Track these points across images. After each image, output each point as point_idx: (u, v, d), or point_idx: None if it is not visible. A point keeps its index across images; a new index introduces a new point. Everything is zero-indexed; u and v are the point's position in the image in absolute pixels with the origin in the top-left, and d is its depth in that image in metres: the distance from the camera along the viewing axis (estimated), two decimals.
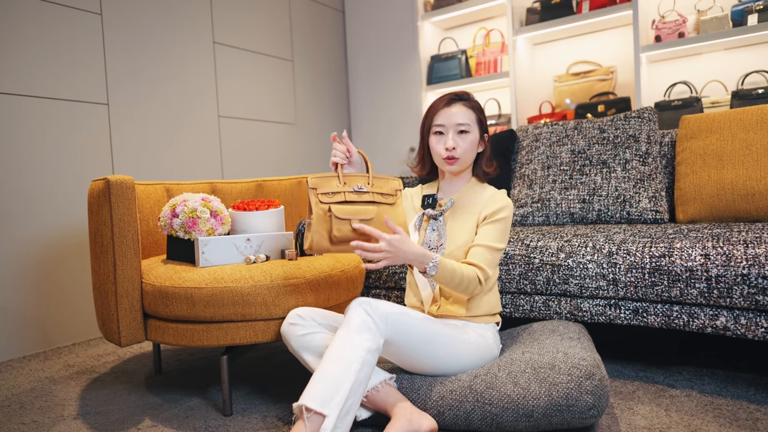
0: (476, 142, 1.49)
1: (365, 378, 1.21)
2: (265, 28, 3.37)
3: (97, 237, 1.59)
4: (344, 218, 1.30)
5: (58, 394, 1.79)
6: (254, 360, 2.04)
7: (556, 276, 1.69)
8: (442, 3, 3.50)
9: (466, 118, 1.46)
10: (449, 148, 1.45)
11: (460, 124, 1.45)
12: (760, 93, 2.48)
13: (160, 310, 1.55)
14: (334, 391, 1.16)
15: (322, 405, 1.15)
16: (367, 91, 3.84)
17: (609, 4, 2.95)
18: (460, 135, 1.46)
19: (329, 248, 1.32)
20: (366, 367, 1.20)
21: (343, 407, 1.16)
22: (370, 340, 1.22)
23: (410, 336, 1.30)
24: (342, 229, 1.30)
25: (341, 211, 1.31)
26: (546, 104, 3.35)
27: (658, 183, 2.00)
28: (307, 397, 1.17)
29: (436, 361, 1.36)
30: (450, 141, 1.45)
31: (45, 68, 2.34)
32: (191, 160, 2.91)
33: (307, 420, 1.15)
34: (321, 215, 1.32)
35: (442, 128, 1.47)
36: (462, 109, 1.47)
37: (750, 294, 1.40)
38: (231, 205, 1.93)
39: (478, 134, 1.49)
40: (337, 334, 1.25)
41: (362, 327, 1.23)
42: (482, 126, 1.51)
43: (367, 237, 1.31)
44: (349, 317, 1.25)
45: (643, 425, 1.33)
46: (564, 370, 1.27)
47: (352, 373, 1.18)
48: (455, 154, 1.45)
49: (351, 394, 1.17)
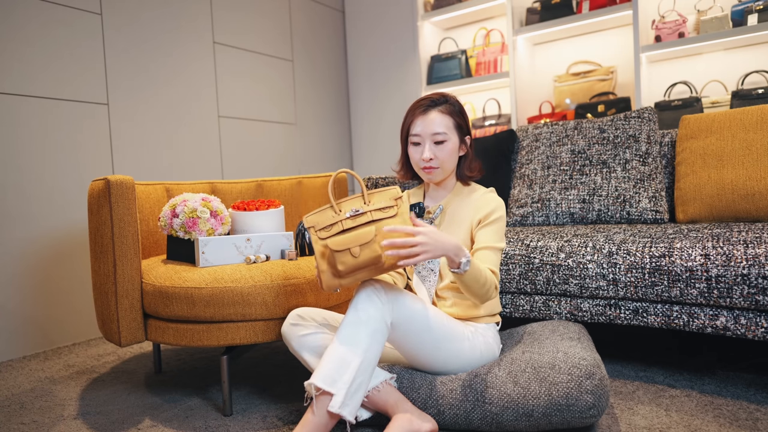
0: (455, 148, 1.45)
1: (374, 357, 1.23)
2: (265, 28, 3.37)
3: (97, 237, 1.59)
4: (342, 250, 1.23)
5: (58, 394, 1.79)
6: (254, 360, 2.04)
7: (556, 276, 1.69)
8: (442, 3, 3.50)
9: (442, 127, 1.41)
10: (426, 159, 1.42)
11: (436, 133, 1.41)
12: (760, 93, 2.48)
13: (160, 310, 1.55)
14: (342, 370, 1.19)
15: (331, 384, 1.19)
16: (367, 91, 3.84)
17: (609, 4, 2.95)
18: (437, 145, 1.42)
19: (340, 283, 1.26)
20: (375, 345, 1.23)
21: (351, 385, 1.19)
22: (378, 320, 1.23)
23: (414, 322, 1.30)
24: (345, 261, 1.23)
25: (337, 243, 1.24)
26: (546, 104, 3.35)
27: (658, 183, 2.00)
28: (316, 375, 1.20)
29: (437, 352, 1.35)
30: (427, 152, 1.41)
31: (45, 68, 2.34)
32: (191, 160, 2.92)
33: (317, 399, 1.20)
34: (321, 252, 1.28)
35: (418, 138, 1.43)
36: (438, 117, 1.42)
37: (750, 294, 1.40)
38: (231, 205, 1.93)
39: (457, 140, 1.45)
40: (345, 315, 1.27)
41: (370, 307, 1.24)
42: (462, 130, 1.46)
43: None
44: (357, 299, 1.26)
45: (643, 425, 1.33)
46: (564, 370, 1.27)
47: (360, 352, 1.21)
48: (433, 165, 1.42)
49: (360, 372, 1.20)
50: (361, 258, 1.22)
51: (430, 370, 1.40)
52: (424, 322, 1.31)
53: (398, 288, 1.32)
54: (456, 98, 1.49)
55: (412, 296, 1.33)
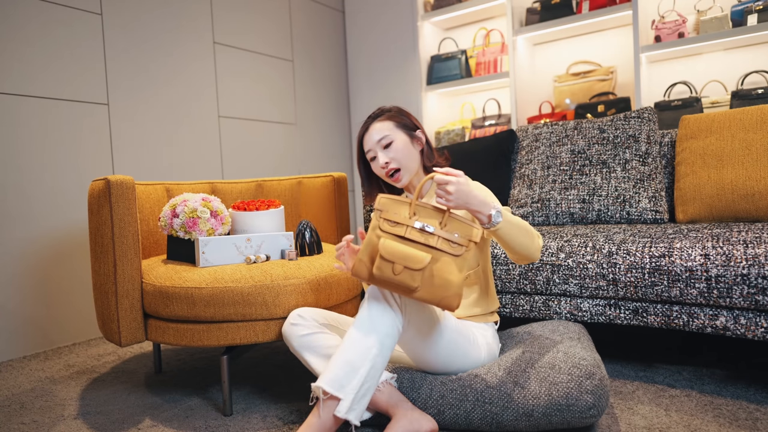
0: (406, 145, 1.47)
1: (383, 362, 1.22)
2: (265, 28, 3.37)
3: (97, 237, 1.59)
4: (388, 260, 1.16)
5: (58, 394, 1.79)
6: (254, 360, 2.04)
7: (556, 276, 1.69)
8: (442, 3, 3.50)
9: (383, 131, 1.46)
10: (384, 166, 1.45)
11: (380, 140, 1.46)
12: (760, 93, 2.49)
13: (161, 310, 1.55)
14: (351, 375, 1.19)
15: (338, 389, 1.18)
16: (367, 91, 3.85)
17: (609, 4, 2.95)
18: (387, 148, 1.46)
19: (367, 281, 1.22)
20: (384, 351, 1.22)
21: (359, 391, 1.18)
22: (390, 325, 1.23)
23: (425, 327, 1.29)
24: (383, 270, 1.16)
25: (387, 251, 1.16)
26: (546, 104, 3.35)
27: (658, 183, 2.00)
28: (324, 379, 1.19)
29: (444, 354, 1.35)
30: (381, 158, 1.45)
31: (45, 68, 2.34)
32: (191, 160, 2.92)
33: (323, 402, 1.19)
34: (370, 241, 1.21)
35: (371, 153, 1.48)
36: (376, 126, 1.48)
37: (750, 294, 1.40)
38: (231, 205, 1.93)
39: (405, 136, 1.47)
40: (357, 315, 1.26)
41: (383, 311, 1.23)
42: (406, 127, 1.49)
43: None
44: (370, 300, 1.25)
45: (643, 425, 1.33)
46: (564, 370, 1.27)
47: (370, 357, 1.20)
48: (393, 166, 1.45)
49: (368, 378, 1.19)
50: (398, 278, 1.16)
51: (434, 370, 1.40)
52: (434, 326, 1.31)
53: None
54: (393, 106, 1.53)
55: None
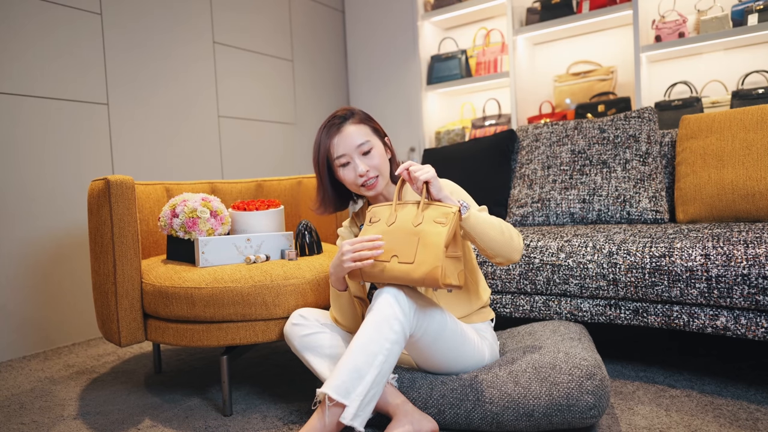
0: (383, 152, 1.43)
1: (389, 369, 1.20)
2: (265, 28, 3.37)
3: (97, 237, 1.59)
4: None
5: (58, 394, 1.78)
6: (254, 360, 2.04)
7: (556, 276, 1.69)
8: (442, 3, 3.50)
9: (363, 136, 1.39)
10: (363, 174, 1.38)
11: (361, 144, 1.38)
12: (760, 93, 2.48)
13: (160, 310, 1.55)
14: (357, 382, 1.16)
15: (344, 395, 1.15)
16: (367, 91, 3.84)
17: (609, 4, 2.95)
18: (366, 155, 1.39)
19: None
20: (391, 358, 1.19)
21: (364, 398, 1.16)
22: (398, 332, 1.20)
23: (432, 331, 1.28)
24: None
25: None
26: (546, 104, 3.35)
27: (658, 183, 2.00)
28: (330, 386, 1.17)
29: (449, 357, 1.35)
30: (360, 166, 1.37)
31: (45, 68, 2.34)
32: (191, 160, 2.91)
33: (328, 408, 1.16)
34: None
35: (345, 158, 1.38)
36: (354, 128, 1.39)
37: (750, 294, 1.40)
38: (231, 205, 1.93)
39: (380, 143, 1.43)
40: (365, 321, 1.23)
41: (391, 317, 1.20)
42: (378, 133, 1.44)
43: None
44: (378, 306, 1.22)
45: (643, 425, 1.33)
46: (565, 370, 1.27)
47: (376, 364, 1.17)
48: (371, 175, 1.39)
49: (374, 385, 1.18)
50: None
51: (436, 371, 1.39)
52: (441, 330, 1.30)
53: (419, 293, 1.29)
54: (357, 108, 1.46)
55: (432, 303, 1.30)
